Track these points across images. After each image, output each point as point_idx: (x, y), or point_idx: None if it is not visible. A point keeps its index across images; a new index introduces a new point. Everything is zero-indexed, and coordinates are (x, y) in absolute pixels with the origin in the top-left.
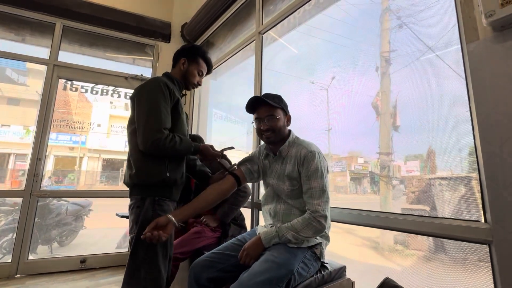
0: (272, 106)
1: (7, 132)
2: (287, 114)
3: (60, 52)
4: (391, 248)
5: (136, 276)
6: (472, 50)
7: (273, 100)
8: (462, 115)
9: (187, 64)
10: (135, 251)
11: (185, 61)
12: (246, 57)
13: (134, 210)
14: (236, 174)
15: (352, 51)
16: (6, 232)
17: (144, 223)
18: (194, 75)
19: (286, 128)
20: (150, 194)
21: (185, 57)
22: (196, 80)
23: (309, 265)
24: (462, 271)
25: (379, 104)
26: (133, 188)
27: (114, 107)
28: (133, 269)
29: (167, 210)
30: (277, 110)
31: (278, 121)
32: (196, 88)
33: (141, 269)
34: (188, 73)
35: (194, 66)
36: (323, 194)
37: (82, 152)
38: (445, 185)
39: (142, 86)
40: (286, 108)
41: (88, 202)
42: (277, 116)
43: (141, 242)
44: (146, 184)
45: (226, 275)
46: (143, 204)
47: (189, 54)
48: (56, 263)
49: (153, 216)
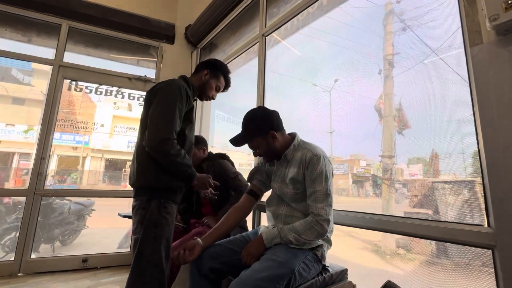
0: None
1: (12, 132)
2: (267, 133)
3: (65, 53)
4: (393, 252)
5: (142, 277)
6: (476, 54)
7: (247, 132)
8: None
9: (208, 77)
10: (140, 253)
11: (208, 73)
12: (249, 59)
13: (139, 211)
14: (252, 190)
15: (355, 54)
16: (10, 230)
17: (149, 225)
18: (212, 88)
19: (277, 143)
20: (156, 197)
21: (208, 70)
22: (211, 93)
23: (310, 266)
24: (465, 276)
25: (382, 107)
26: (139, 189)
27: (118, 107)
28: (139, 270)
29: (171, 213)
30: (255, 141)
31: (262, 147)
32: (207, 101)
33: (146, 270)
34: (207, 85)
35: (214, 80)
36: (327, 198)
37: (85, 152)
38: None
39: (163, 87)
40: (264, 128)
41: (90, 201)
42: (258, 145)
43: (147, 243)
44: (153, 187)
45: (227, 268)
46: (149, 205)
47: (213, 68)
48: (58, 262)
49: (158, 218)
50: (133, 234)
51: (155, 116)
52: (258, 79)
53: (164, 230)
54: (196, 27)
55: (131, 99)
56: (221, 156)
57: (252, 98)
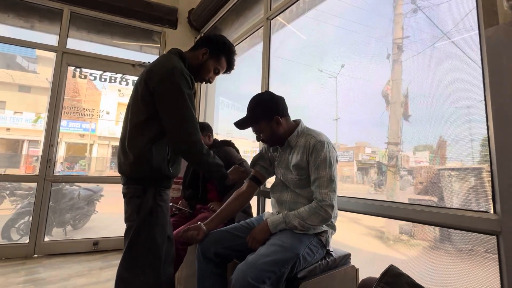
0: (254, 124)
1: (20, 119)
2: (273, 118)
3: (68, 39)
4: (396, 238)
5: (135, 261)
6: (491, 35)
7: (252, 115)
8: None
9: (207, 56)
10: (135, 239)
11: (206, 52)
12: (254, 43)
13: (133, 199)
14: (255, 176)
15: (363, 37)
16: (23, 215)
17: (145, 213)
18: (209, 70)
19: (281, 128)
20: (152, 185)
21: (207, 48)
22: (208, 76)
23: (315, 251)
24: (468, 262)
25: (390, 93)
26: (132, 178)
27: (122, 95)
28: (133, 255)
29: (166, 200)
30: (259, 124)
31: (266, 131)
32: (203, 83)
33: (140, 255)
34: (203, 66)
35: (213, 62)
36: (331, 184)
37: (92, 139)
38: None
39: (164, 77)
40: (269, 112)
41: (99, 187)
42: (262, 129)
43: (142, 231)
44: (151, 178)
45: (232, 252)
46: (144, 194)
47: (213, 47)
48: (70, 245)
49: (154, 206)
50: (126, 221)
51: (174, 117)
52: (262, 64)
53: (159, 218)
54: (199, 11)
55: None
56: (227, 143)
57: (256, 84)
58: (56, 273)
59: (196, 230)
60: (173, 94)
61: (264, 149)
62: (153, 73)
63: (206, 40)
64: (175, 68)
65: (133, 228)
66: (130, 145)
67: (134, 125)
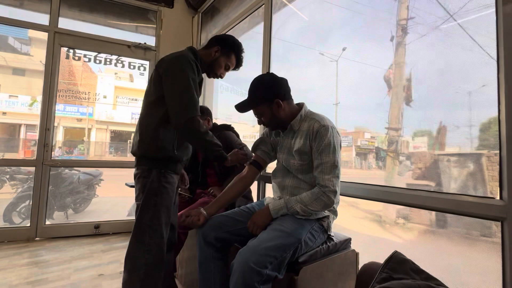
0: (254, 107)
1: (16, 103)
2: (273, 101)
3: (60, 19)
4: (393, 221)
5: (142, 240)
6: (510, 12)
7: (252, 98)
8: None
9: (219, 54)
10: (141, 218)
11: (218, 49)
12: (254, 24)
13: (140, 179)
14: (255, 161)
15: (366, 18)
16: (23, 198)
17: (150, 193)
18: (221, 66)
19: (282, 112)
20: (156, 166)
21: (219, 46)
22: (220, 72)
23: (316, 236)
24: (463, 244)
25: (392, 77)
26: (140, 159)
27: (119, 78)
28: (139, 234)
29: (171, 182)
30: (260, 107)
31: (266, 115)
32: (216, 79)
33: (146, 234)
34: (216, 62)
35: (224, 58)
36: (334, 169)
37: (90, 123)
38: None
39: (171, 60)
40: (270, 95)
41: (98, 172)
42: (263, 112)
43: (147, 210)
44: (154, 158)
45: (233, 237)
46: (150, 174)
47: (225, 45)
48: (72, 228)
49: (158, 187)
50: (136, 201)
51: (175, 95)
52: (263, 45)
53: (164, 199)
54: None
55: (132, 68)
56: (226, 128)
57: (257, 67)
58: (58, 256)
59: (197, 215)
60: (177, 76)
61: (266, 133)
62: (163, 60)
63: (218, 40)
64: (182, 55)
65: (139, 207)
66: (140, 124)
67: (145, 105)
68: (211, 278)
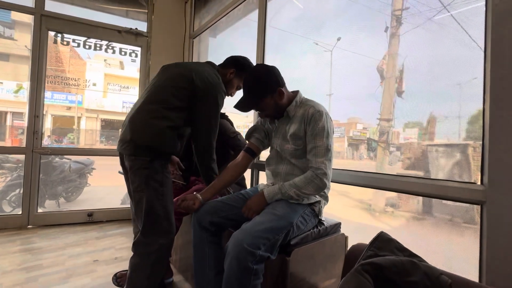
0: (258, 103)
1: (1, 90)
2: (276, 91)
3: (46, 1)
4: (382, 209)
5: (154, 227)
6: (498, 3)
7: (254, 94)
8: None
9: (233, 75)
10: (150, 208)
11: (234, 72)
12: (248, 11)
13: (141, 171)
14: (249, 148)
15: (362, 8)
16: (13, 187)
17: (156, 184)
18: (234, 87)
19: (282, 100)
20: (159, 158)
21: (235, 69)
22: (231, 91)
23: (308, 220)
24: (447, 230)
25: (385, 68)
26: (141, 150)
27: (109, 65)
28: (151, 222)
29: (169, 172)
30: (263, 102)
31: (269, 107)
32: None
33: (157, 223)
34: (230, 83)
35: (237, 80)
36: (327, 153)
37: (79, 112)
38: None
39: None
40: (272, 86)
41: (90, 160)
42: (267, 105)
43: (156, 200)
44: (161, 151)
45: (227, 222)
46: (152, 165)
47: (240, 68)
48: (65, 216)
49: (162, 177)
50: (134, 192)
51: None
52: (258, 34)
53: (168, 188)
54: None
55: (123, 54)
56: (221, 116)
57: (251, 55)
58: (52, 243)
59: (192, 200)
60: (212, 105)
61: (260, 121)
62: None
63: (234, 62)
64: (219, 84)
65: (145, 198)
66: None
67: (159, 99)
68: (205, 261)
